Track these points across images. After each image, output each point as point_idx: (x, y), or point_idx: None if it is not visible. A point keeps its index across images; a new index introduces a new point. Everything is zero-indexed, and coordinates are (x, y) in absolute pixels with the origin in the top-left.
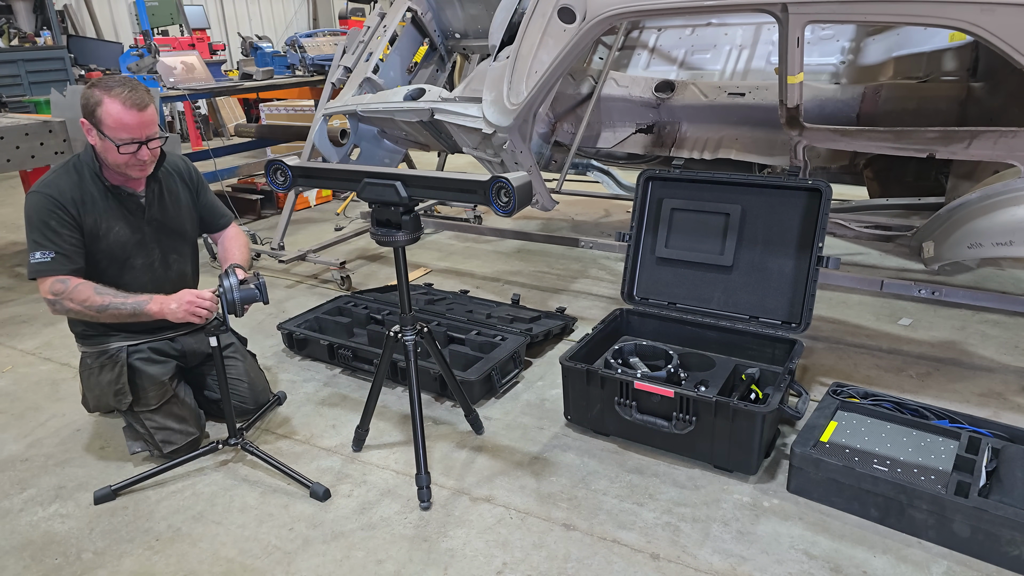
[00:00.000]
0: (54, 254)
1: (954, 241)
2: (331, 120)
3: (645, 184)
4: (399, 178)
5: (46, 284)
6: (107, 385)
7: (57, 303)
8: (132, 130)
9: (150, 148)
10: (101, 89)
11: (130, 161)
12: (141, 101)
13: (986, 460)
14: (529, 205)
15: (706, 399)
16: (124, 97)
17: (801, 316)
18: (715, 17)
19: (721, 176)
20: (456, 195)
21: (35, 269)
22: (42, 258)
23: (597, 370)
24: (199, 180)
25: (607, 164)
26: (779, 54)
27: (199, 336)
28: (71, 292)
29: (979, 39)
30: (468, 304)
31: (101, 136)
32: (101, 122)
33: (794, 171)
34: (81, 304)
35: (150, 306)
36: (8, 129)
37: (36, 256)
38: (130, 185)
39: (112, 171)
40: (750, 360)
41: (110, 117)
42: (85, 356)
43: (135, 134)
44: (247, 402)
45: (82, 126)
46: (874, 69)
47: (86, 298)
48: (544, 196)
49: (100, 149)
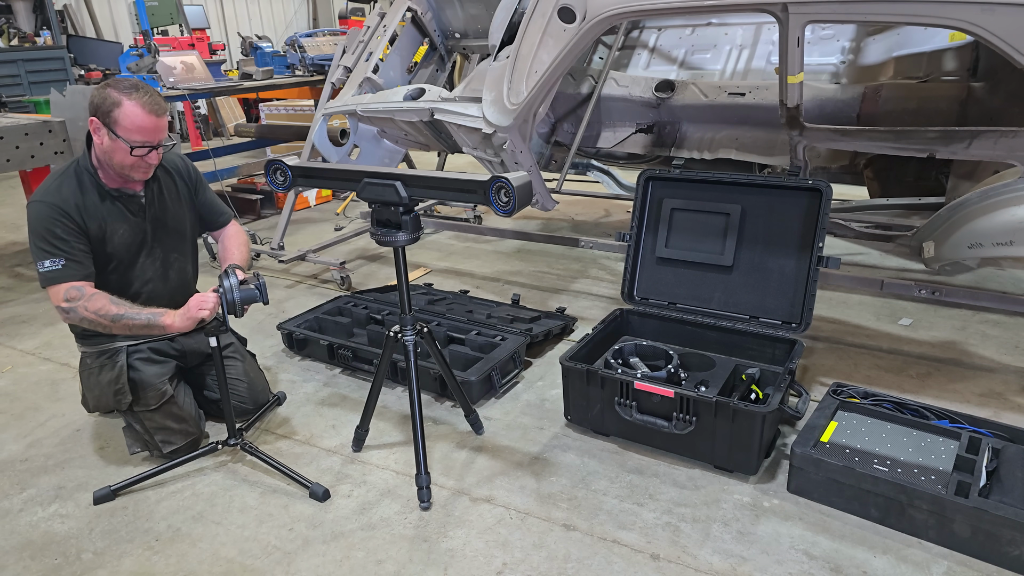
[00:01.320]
0: (64, 261)
1: (954, 241)
2: (331, 120)
3: (645, 184)
4: (399, 178)
5: (60, 292)
6: (107, 385)
7: (72, 311)
8: (148, 134)
9: (159, 152)
10: (119, 91)
11: (138, 163)
12: (160, 107)
13: (986, 460)
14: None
15: (706, 399)
16: (144, 101)
17: (801, 316)
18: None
19: (721, 176)
20: (456, 195)
21: (47, 277)
22: (52, 266)
23: (597, 370)
24: (198, 178)
25: (607, 164)
26: (779, 54)
27: (198, 336)
28: (87, 300)
29: (979, 39)
30: (468, 304)
31: (112, 136)
32: (117, 123)
33: (794, 171)
34: (96, 313)
35: (164, 319)
36: (8, 129)
37: (46, 265)
38: (129, 187)
39: (110, 174)
40: (750, 360)
41: (128, 119)
42: (85, 356)
43: (150, 138)
44: (246, 402)
45: (90, 124)
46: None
47: (101, 307)
48: (544, 196)
49: (107, 149)
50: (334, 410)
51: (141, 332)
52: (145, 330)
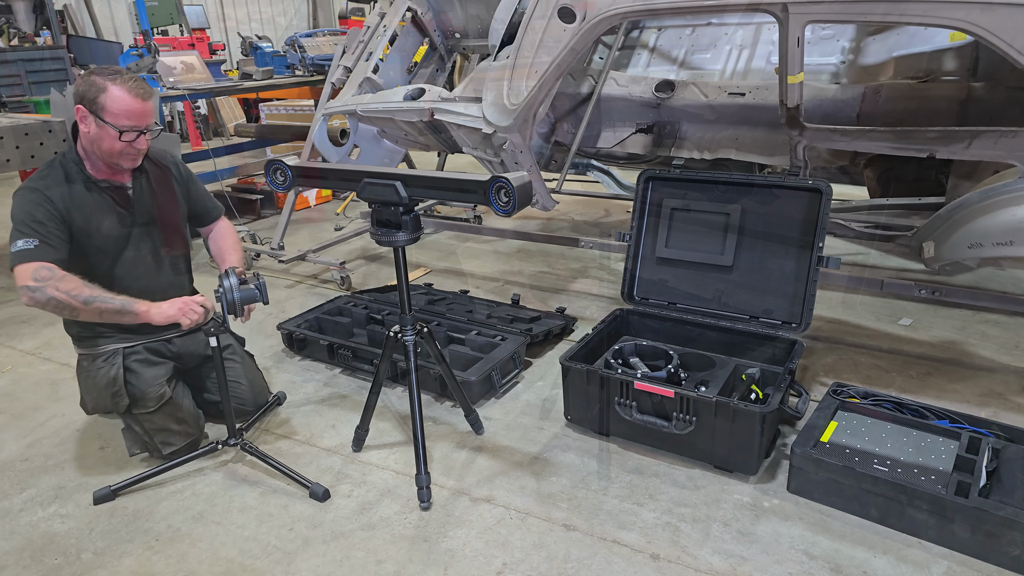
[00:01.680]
0: (39, 242)
1: (954, 241)
2: (331, 120)
3: (645, 184)
4: (399, 178)
5: (28, 270)
6: (104, 388)
7: (38, 290)
8: (136, 117)
9: (147, 138)
10: (104, 77)
11: (126, 149)
12: (145, 91)
13: (986, 460)
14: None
15: (706, 399)
16: (130, 86)
17: (801, 316)
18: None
19: (721, 176)
20: (456, 195)
21: (18, 256)
22: (25, 245)
23: (597, 370)
24: (188, 173)
25: (607, 164)
26: (779, 54)
27: (196, 338)
28: (58, 280)
29: (979, 39)
30: (468, 304)
31: (100, 123)
32: (104, 108)
33: (794, 171)
34: (67, 293)
35: (138, 306)
36: (8, 129)
37: (19, 244)
38: (116, 178)
39: (98, 164)
40: (750, 360)
41: (115, 103)
42: (82, 359)
43: (138, 122)
44: (246, 403)
45: (76, 113)
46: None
47: (72, 287)
48: (544, 196)
49: (94, 137)
50: (334, 410)
51: (114, 319)
52: (117, 316)
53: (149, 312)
